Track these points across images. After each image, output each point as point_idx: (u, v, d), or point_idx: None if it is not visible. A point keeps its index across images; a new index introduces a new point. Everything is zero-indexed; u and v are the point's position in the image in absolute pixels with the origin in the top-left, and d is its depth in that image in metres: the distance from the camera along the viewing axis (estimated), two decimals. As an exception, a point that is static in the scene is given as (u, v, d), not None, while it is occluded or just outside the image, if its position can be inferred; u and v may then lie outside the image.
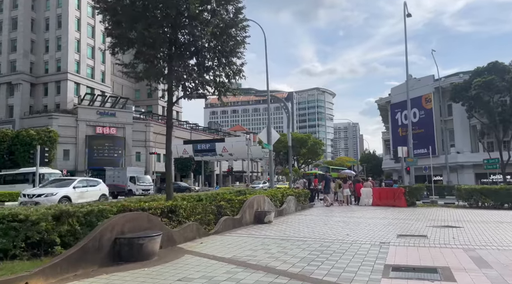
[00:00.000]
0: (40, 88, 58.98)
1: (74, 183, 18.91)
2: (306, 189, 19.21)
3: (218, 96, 10.30)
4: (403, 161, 22.61)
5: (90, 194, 18.90)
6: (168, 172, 9.80)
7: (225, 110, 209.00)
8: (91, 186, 20.05)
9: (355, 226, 11.01)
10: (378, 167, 61.95)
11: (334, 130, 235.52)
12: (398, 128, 47.68)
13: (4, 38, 58.57)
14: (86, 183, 20.01)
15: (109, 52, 9.56)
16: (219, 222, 9.51)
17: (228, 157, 57.16)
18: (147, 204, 7.55)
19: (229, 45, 10.04)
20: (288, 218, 13.26)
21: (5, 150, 47.32)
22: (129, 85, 76.47)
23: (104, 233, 5.70)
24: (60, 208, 6.07)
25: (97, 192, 19.78)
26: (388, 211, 16.63)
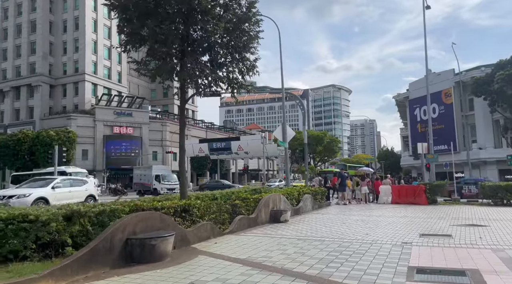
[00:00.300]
0: (59, 90, 60.10)
1: (54, 182, 17.08)
2: (322, 187, 18.83)
3: (232, 92, 10.08)
4: (423, 157, 21.95)
5: (74, 195, 17.00)
6: (182, 170, 9.65)
7: (240, 108, 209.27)
8: (76, 186, 18.34)
9: (374, 225, 10.64)
10: (396, 164, 60.81)
11: (350, 127, 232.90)
12: (417, 124, 46.60)
13: (23, 40, 59.90)
14: (69, 182, 18.31)
15: (121, 50, 9.45)
16: (234, 221, 9.30)
17: (243, 155, 57.02)
18: (160, 203, 7.40)
19: (242, 40, 9.80)
20: (304, 217, 12.97)
21: (26, 151, 48.36)
22: (145, 85, 77.24)
23: (115, 234, 5.55)
24: (71, 208, 5.95)
25: (82, 193, 18.08)
26: (409, 209, 16.14)
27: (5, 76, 61.49)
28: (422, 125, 44.89)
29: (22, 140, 48.81)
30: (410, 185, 21.12)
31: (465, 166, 38.37)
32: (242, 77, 10.07)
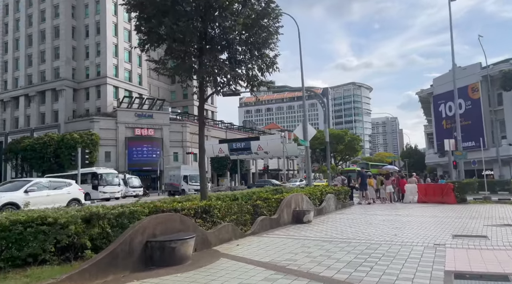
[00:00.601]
0: (82, 93, 61.40)
1: (27, 185, 15.35)
2: (345, 187, 18.36)
3: (251, 90, 9.85)
4: (450, 154, 21.12)
5: (53, 199, 15.35)
6: (202, 170, 9.47)
7: (259, 108, 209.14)
8: (56, 188, 16.69)
9: (402, 226, 10.18)
10: (420, 162, 59.18)
11: (371, 125, 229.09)
12: (442, 120, 45.19)
13: (47, 46, 61.49)
14: (47, 185, 16.59)
15: (139, 49, 9.36)
16: (255, 222, 9.05)
17: (263, 155, 56.81)
18: (180, 205, 7.22)
19: (262, 36, 9.54)
20: (328, 217, 12.59)
21: (51, 154, 49.68)
22: (165, 87, 78.10)
23: (134, 236, 5.39)
24: (90, 210, 5.84)
25: (63, 196, 16.48)
26: (437, 208, 15.49)
27: (30, 81, 63.31)
28: (447, 122, 43.52)
29: (48, 143, 50.13)
30: (437, 184, 20.34)
31: (494, 163, 36.93)
32: (261, 74, 9.82)
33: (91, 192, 30.20)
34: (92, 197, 29.46)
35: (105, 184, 30.71)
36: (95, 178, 30.85)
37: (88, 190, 30.19)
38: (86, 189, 30.33)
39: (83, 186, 30.71)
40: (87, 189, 30.14)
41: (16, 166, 55.28)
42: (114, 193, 30.82)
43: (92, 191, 30.24)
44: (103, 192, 30.18)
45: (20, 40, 64.76)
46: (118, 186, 31.84)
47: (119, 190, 31.71)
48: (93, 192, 30.11)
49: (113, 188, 31.17)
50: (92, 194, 29.91)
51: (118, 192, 31.42)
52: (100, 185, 30.33)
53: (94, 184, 30.47)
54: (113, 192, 30.87)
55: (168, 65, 9.43)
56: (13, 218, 5.06)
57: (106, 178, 31.04)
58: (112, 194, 30.59)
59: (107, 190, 30.68)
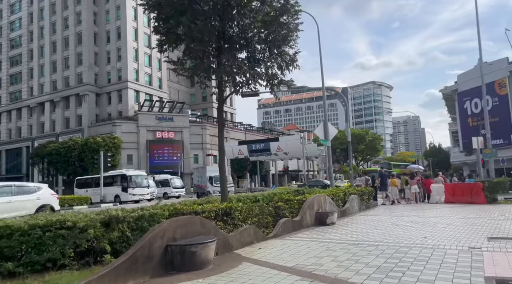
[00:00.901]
0: (104, 98, 62.61)
1: None
2: (369, 187, 17.85)
3: (271, 89, 9.61)
4: (479, 153, 20.27)
5: (17, 206, 13.87)
6: (222, 171, 9.30)
7: (278, 109, 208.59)
8: (21, 194, 14.77)
9: (431, 228, 9.71)
10: (445, 161, 57.53)
11: (393, 124, 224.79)
12: (468, 118, 43.71)
13: (71, 52, 63.06)
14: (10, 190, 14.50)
15: (158, 50, 9.28)
16: (277, 224, 8.80)
17: (283, 156, 56.39)
18: (201, 207, 7.05)
19: (281, 34, 9.30)
20: (352, 219, 12.20)
21: (76, 157, 50.84)
22: (185, 90, 78.80)
23: (154, 240, 5.23)
24: (109, 213, 5.72)
25: (30, 203, 14.71)
26: (466, 209, 14.83)
27: (55, 87, 65.04)
28: (473, 119, 42.07)
29: (72, 147, 51.34)
30: (466, 183, 19.56)
31: (525, 162, 35.40)
32: (281, 73, 9.56)
33: (121, 194, 30.33)
34: (122, 199, 29.54)
35: (134, 186, 30.66)
36: (124, 180, 30.86)
37: (118, 193, 30.54)
38: (115, 192, 30.70)
39: (113, 188, 31.11)
40: (117, 191, 30.68)
41: (42, 170, 56.85)
42: (143, 195, 30.74)
43: (122, 193, 30.34)
44: (133, 194, 30.12)
45: (45, 47, 66.64)
46: (147, 188, 31.81)
47: (148, 192, 31.61)
48: (122, 194, 30.22)
49: (142, 190, 31.11)
50: (122, 196, 30.01)
51: (147, 194, 31.35)
52: (129, 187, 30.31)
53: (124, 186, 30.54)
54: (142, 194, 30.77)
55: (186, 66, 9.31)
56: (32, 222, 4.99)
57: (136, 180, 31.01)
58: (142, 196, 30.48)
59: (137, 192, 30.55)
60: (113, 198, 30.48)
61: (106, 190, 30.59)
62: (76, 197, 24.90)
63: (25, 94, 68.53)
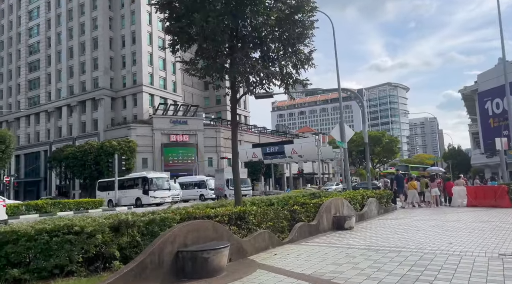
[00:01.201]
0: (120, 101, 63.33)
1: None
2: (387, 190, 17.32)
3: (285, 88, 9.31)
4: (503, 154, 19.51)
5: None
6: (236, 174, 9.04)
7: (292, 112, 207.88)
8: None
9: (455, 232, 9.23)
10: (464, 163, 56.06)
11: (409, 126, 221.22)
12: (489, 118, 42.36)
13: (87, 57, 64.09)
14: None
15: (169, 50, 9.10)
16: (293, 229, 8.48)
17: (297, 159, 56.01)
18: (213, 211, 6.79)
19: (296, 32, 9.00)
20: (371, 223, 11.77)
21: (92, 161, 51.40)
22: (199, 93, 79.15)
23: (164, 246, 4.99)
24: (118, 217, 5.51)
25: None
26: (490, 213, 14.20)
27: (72, 91, 66.14)
28: (495, 120, 40.75)
29: (88, 151, 51.91)
30: (489, 186, 18.82)
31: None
32: (296, 72, 9.26)
33: (142, 197, 29.96)
34: (143, 202, 29.12)
35: (156, 188, 30.23)
36: (145, 182, 30.44)
37: (139, 195, 30.21)
38: (137, 194, 30.41)
39: (134, 191, 30.73)
40: (138, 194, 30.39)
41: (60, 174, 57.74)
42: (165, 198, 30.25)
43: (143, 196, 29.97)
44: (154, 197, 29.57)
45: (62, 53, 67.92)
46: (169, 190, 31.32)
47: (170, 195, 31.06)
48: (143, 197, 29.84)
49: (164, 192, 30.64)
50: (143, 199, 29.63)
51: (169, 196, 30.88)
52: (150, 190, 29.77)
53: (145, 189, 30.12)
54: (163, 196, 30.29)
55: (198, 66, 9.10)
56: (39, 227, 4.82)
57: (157, 182, 30.57)
58: (163, 199, 29.98)
59: (158, 194, 29.96)
60: (134, 200, 30.15)
61: (128, 193, 30.55)
62: (91, 200, 25.00)
63: (43, 99, 69.92)
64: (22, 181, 68.89)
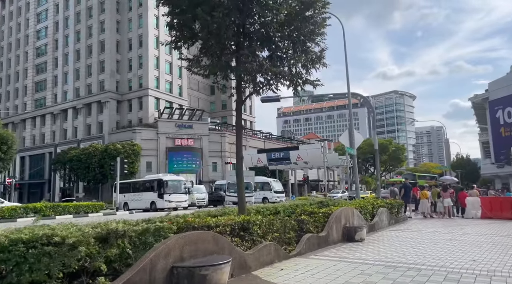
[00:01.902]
0: (125, 105, 63.11)
1: None
2: (398, 200, 16.58)
3: (294, 89, 8.70)
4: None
5: None
6: (240, 179, 8.43)
7: (298, 118, 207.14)
8: None
9: (477, 248, 8.52)
10: (473, 173, 54.93)
11: (415, 135, 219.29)
12: (500, 127, 41.41)
13: (94, 60, 64.07)
14: None
15: (172, 47, 8.56)
16: (301, 240, 7.84)
17: (303, 165, 55.22)
18: (215, 220, 6.17)
19: (306, 29, 8.42)
20: (382, 235, 11.08)
21: (96, 164, 51.05)
22: (205, 98, 78.84)
23: (156, 261, 4.38)
24: (107, 227, 4.90)
25: None
26: (508, 226, 13.44)
27: (78, 94, 66.09)
28: (506, 129, 39.82)
29: (93, 153, 51.63)
30: (505, 197, 18.03)
31: None
32: (306, 71, 8.66)
33: (157, 200, 28.59)
34: (158, 206, 27.77)
35: (171, 192, 28.76)
36: (160, 185, 28.97)
37: (154, 199, 28.81)
38: (151, 198, 29.00)
39: (149, 194, 29.04)
40: (153, 197, 28.97)
41: (64, 176, 57.44)
42: (181, 202, 28.66)
43: (158, 199, 28.58)
44: (169, 201, 27.86)
45: (69, 55, 68.01)
46: (185, 194, 29.75)
47: (186, 199, 29.57)
48: (158, 201, 28.46)
49: (180, 196, 29.00)
50: (158, 203, 28.28)
51: (185, 201, 29.44)
52: (165, 193, 28.05)
53: (160, 193, 28.61)
54: (179, 201, 28.72)
55: (202, 63, 8.54)
56: (14, 237, 4.21)
57: (173, 185, 29.13)
58: (179, 203, 28.37)
59: (173, 198, 28.20)
60: (149, 204, 28.96)
61: (142, 196, 29.55)
62: (91, 203, 24.47)
63: (49, 101, 69.95)
64: (26, 183, 68.76)
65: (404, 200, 18.31)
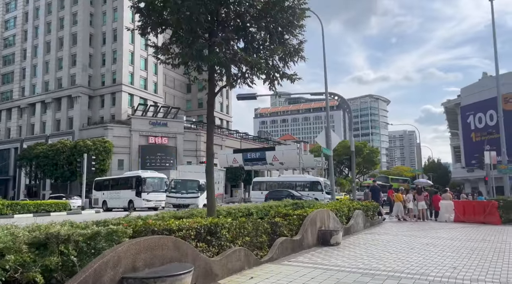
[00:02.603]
0: (97, 100, 61.03)
1: None
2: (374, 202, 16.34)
3: (271, 84, 8.16)
4: (489, 168, 18.92)
5: None
6: (209, 177, 7.80)
7: (275, 119, 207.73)
8: None
9: (455, 253, 8.24)
10: (444, 176, 56.25)
11: (389, 138, 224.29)
12: (471, 133, 42.46)
13: (65, 53, 61.59)
14: None
15: (138, 33, 7.87)
16: (274, 245, 7.30)
17: (278, 166, 54.90)
18: (178, 223, 5.52)
19: (284, 19, 7.89)
20: (358, 238, 10.71)
21: (64, 161, 48.93)
22: (181, 95, 77.44)
23: (102, 272, 3.72)
24: (47, 230, 4.18)
25: None
26: (482, 230, 13.40)
27: (47, 88, 63.38)
28: (477, 134, 40.84)
29: (61, 150, 49.46)
30: (478, 201, 18.17)
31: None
32: (284, 65, 8.15)
33: (135, 199, 26.57)
34: (136, 205, 25.72)
35: (150, 190, 26.68)
36: (138, 183, 26.90)
37: (132, 197, 26.93)
38: (129, 196, 27.02)
39: (127, 192, 27.15)
40: (131, 196, 27.10)
41: (30, 173, 54.83)
42: (161, 202, 26.40)
43: (136, 198, 26.59)
44: (147, 199, 25.73)
45: (39, 47, 65.16)
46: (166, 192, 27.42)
47: None
48: (136, 200, 26.45)
49: (160, 195, 26.59)
50: (136, 202, 26.27)
51: None
52: (144, 192, 25.76)
53: (138, 191, 26.50)
54: (159, 200, 26.50)
55: (172, 51, 7.86)
56: None
57: (152, 183, 27.11)
58: (158, 203, 26.32)
59: (152, 197, 25.96)
60: (127, 203, 27.03)
61: (120, 194, 27.88)
62: (54, 202, 23.08)
63: (16, 94, 66.82)
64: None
65: None
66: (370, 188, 19.03)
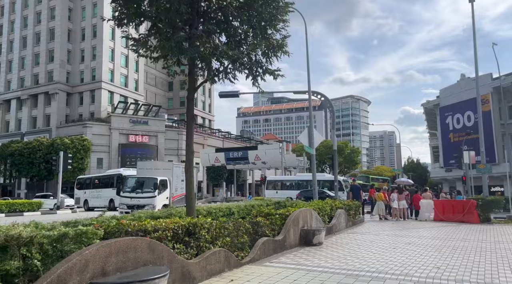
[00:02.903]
0: (76, 97, 59.49)
1: None
2: (356, 201, 16.32)
3: (254, 79, 7.92)
4: (468, 168, 19.20)
5: None
6: (189, 176, 7.50)
7: (257, 119, 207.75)
8: None
9: (436, 252, 8.20)
10: (422, 176, 57.27)
11: (369, 138, 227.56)
12: (449, 133, 43.28)
13: (42, 48, 59.76)
14: None
15: (115, 23, 7.49)
16: (255, 245, 7.06)
17: (261, 165, 54.73)
18: (154, 223, 5.21)
19: (267, 13, 7.66)
20: (340, 238, 10.59)
21: (40, 159, 47.44)
22: (162, 93, 76.37)
23: (67, 277, 3.40)
24: (7, 231, 3.82)
25: None
26: (461, 229, 13.52)
27: (23, 84, 61.38)
28: (455, 135, 41.65)
29: (37, 148, 47.93)
30: (458, 200, 18.41)
31: (505, 180, 35.00)
32: (266, 60, 7.92)
33: (115, 198, 25.33)
34: (116, 204, 24.26)
35: None
36: (119, 181, 25.74)
37: (113, 196, 25.93)
38: (110, 195, 26.08)
39: (108, 191, 26.30)
40: (112, 195, 26.14)
41: (4, 171, 52.93)
42: None
43: (117, 197, 25.15)
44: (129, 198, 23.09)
45: (15, 42, 63.03)
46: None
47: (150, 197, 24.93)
48: (117, 199, 24.92)
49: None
50: (116, 201, 24.99)
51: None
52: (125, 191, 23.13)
53: (119, 189, 25.00)
54: None
55: (150, 43, 7.52)
56: None
57: None
58: None
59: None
60: (108, 202, 26.16)
61: (101, 193, 27.12)
62: (27, 201, 22.21)
63: (-10, 90, 64.48)
64: (-39, 178, 62.76)
65: None
66: (350, 187, 19.03)
